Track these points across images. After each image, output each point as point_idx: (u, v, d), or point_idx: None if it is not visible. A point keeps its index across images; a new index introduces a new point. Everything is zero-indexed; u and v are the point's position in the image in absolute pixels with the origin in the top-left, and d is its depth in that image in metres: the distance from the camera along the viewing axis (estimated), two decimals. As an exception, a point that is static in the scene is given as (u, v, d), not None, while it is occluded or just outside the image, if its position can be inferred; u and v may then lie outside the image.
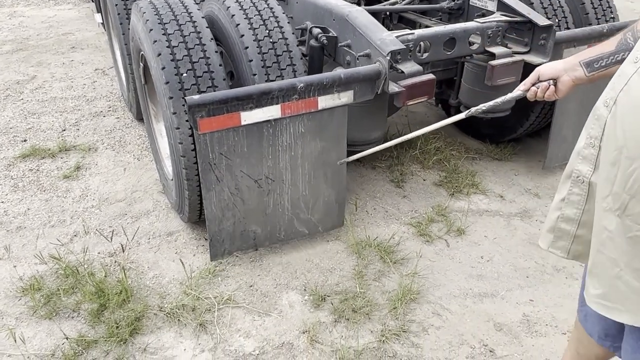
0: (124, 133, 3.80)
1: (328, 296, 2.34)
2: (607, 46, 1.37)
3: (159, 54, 2.24)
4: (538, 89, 1.51)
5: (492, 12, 2.91)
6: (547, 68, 1.50)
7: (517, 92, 1.60)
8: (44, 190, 3.15)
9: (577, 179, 1.24)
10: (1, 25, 6.44)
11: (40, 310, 2.27)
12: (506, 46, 2.76)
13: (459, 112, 3.18)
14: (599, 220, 1.17)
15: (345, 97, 2.28)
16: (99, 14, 4.48)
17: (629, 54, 1.23)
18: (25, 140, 3.72)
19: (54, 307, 2.28)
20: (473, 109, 1.84)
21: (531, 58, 2.68)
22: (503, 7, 2.83)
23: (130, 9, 3.33)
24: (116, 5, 3.34)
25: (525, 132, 3.36)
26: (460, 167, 3.28)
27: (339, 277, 2.45)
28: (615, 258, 1.13)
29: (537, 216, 2.88)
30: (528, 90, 1.55)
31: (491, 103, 1.78)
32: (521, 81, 1.62)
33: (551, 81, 1.48)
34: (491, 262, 2.56)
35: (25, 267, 2.53)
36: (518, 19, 2.73)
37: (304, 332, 2.17)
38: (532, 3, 2.94)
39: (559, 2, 3.00)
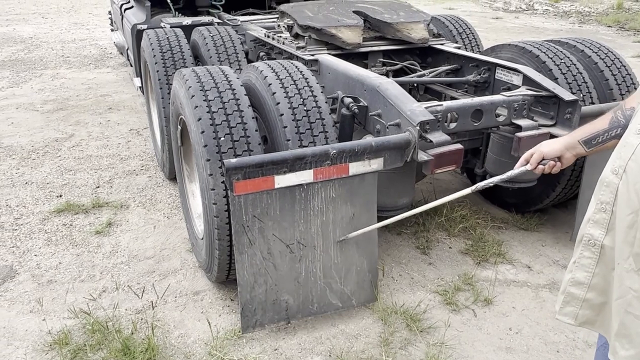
0: (155, 192, 3.91)
1: (353, 363, 2.31)
2: (600, 124, 1.54)
3: (200, 119, 2.36)
4: (545, 166, 1.69)
5: (518, 86, 3.00)
6: (550, 149, 1.68)
7: (523, 168, 1.76)
8: (76, 245, 3.23)
9: (588, 242, 1.30)
10: (44, 85, 6.81)
11: (66, 365, 2.28)
12: (532, 119, 2.83)
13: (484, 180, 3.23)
14: (622, 281, 1.22)
15: (376, 164, 2.35)
16: (138, 78, 4.73)
17: (621, 130, 1.42)
18: (60, 196, 3.85)
19: (80, 362, 2.29)
20: (480, 184, 1.92)
21: (557, 131, 2.73)
22: (528, 81, 2.93)
23: (170, 75, 3.53)
24: (157, 71, 3.53)
25: (552, 203, 3.36)
26: (486, 236, 3.28)
27: (364, 344, 2.43)
28: None
29: (566, 288, 2.84)
30: (535, 167, 1.72)
31: (496, 179, 1.89)
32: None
33: (556, 159, 1.68)
34: (520, 334, 2.51)
35: (55, 320, 2.56)
36: (543, 93, 2.81)
37: (329, 400, 2.14)
38: (557, 78, 3.03)
39: (583, 78, 3.09)
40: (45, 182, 4.07)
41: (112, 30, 7.97)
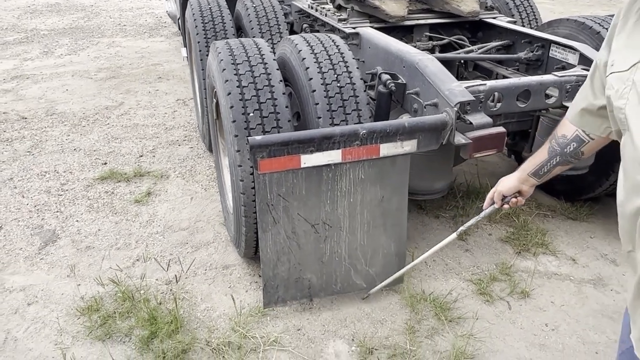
0: (195, 163, 3.95)
1: (376, 349, 2.25)
2: (541, 155, 1.57)
3: (229, 93, 2.32)
4: (508, 203, 1.76)
5: (573, 66, 2.78)
6: (506, 188, 1.74)
7: (492, 207, 1.84)
8: (116, 213, 3.31)
9: None
10: (100, 53, 6.98)
11: (95, 331, 2.35)
12: (586, 102, 2.61)
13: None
14: None
15: (409, 146, 2.23)
16: (185, 48, 4.74)
17: (559, 157, 1.50)
18: (105, 164, 3.95)
19: (108, 329, 2.35)
20: (462, 227, 2.10)
21: (613, 116, 2.51)
22: (585, 60, 2.70)
23: (211, 46, 3.50)
24: (199, 42, 3.51)
25: (605, 193, 3.13)
26: (529, 224, 3.10)
27: (389, 330, 2.36)
28: None
29: (613, 285, 2.65)
30: (501, 205, 1.79)
31: (470, 223, 2.05)
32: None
33: (516, 194, 1.74)
34: (556, 331, 2.37)
35: (88, 286, 2.64)
36: (601, 74, 2.58)
37: (347, 385, 2.10)
38: (618, 58, 2.77)
39: (649, 57, 2.81)
40: (92, 149, 4.19)
41: (166, -1, 8.05)
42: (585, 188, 3.16)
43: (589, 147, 1.44)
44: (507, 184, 1.74)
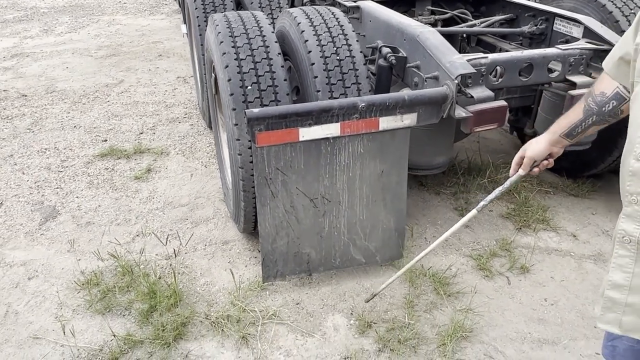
0: (195, 140, 3.93)
1: (374, 323, 2.26)
2: (575, 114, 1.50)
3: (227, 66, 2.29)
4: (538, 167, 1.68)
5: (577, 39, 2.73)
6: (537, 153, 1.64)
7: (518, 175, 1.73)
8: (116, 189, 3.30)
9: (622, 239, 1.14)
10: (100, 31, 6.93)
11: (95, 304, 2.36)
12: (590, 75, 2.58)
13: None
14: None
15: (409, 120, 2.21)
16: (185, 24, 4.69)
17: (596, 117, 1.43)
18: (105, 140, 3.94)
19: (108, 303, 2.36)
20: (482, 204, 1.90)
21: (617, 90, 2.47)
22: (589, 34, 2.65)
23: (210, 21, 3.45)
24: (197, 17, 3.47)
25: (608, 169, 3.10)
26: (531, 201, 3.08)
27: (388, 304, 2.36)
28: None
29: (614, 261, 2.64)
30: (530, 171, 1.69)
31: (492, 196, 1.87)
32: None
33: (548, 156, 1.66)
34: (555, 306, 2.37)
35: (88, 261, 2.64)
36: (605, 47, 2.54)
37: (345, 359, 2.10)
38: (624, 31, 2.72)
39: (655, 31, 2.76)
40: (92, 126, 4.18)
41: (166, -24, 7.95)
42: (587, 164, 3.14)
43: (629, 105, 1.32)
44: (536, 148, 1.64)
